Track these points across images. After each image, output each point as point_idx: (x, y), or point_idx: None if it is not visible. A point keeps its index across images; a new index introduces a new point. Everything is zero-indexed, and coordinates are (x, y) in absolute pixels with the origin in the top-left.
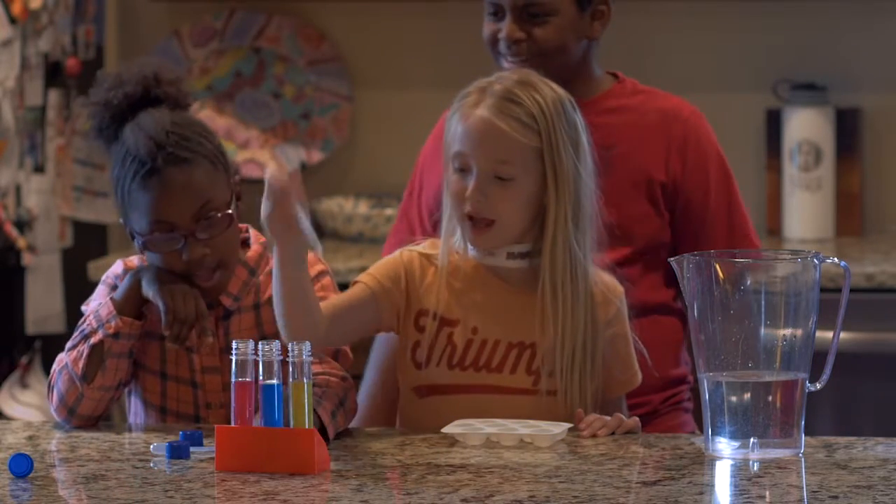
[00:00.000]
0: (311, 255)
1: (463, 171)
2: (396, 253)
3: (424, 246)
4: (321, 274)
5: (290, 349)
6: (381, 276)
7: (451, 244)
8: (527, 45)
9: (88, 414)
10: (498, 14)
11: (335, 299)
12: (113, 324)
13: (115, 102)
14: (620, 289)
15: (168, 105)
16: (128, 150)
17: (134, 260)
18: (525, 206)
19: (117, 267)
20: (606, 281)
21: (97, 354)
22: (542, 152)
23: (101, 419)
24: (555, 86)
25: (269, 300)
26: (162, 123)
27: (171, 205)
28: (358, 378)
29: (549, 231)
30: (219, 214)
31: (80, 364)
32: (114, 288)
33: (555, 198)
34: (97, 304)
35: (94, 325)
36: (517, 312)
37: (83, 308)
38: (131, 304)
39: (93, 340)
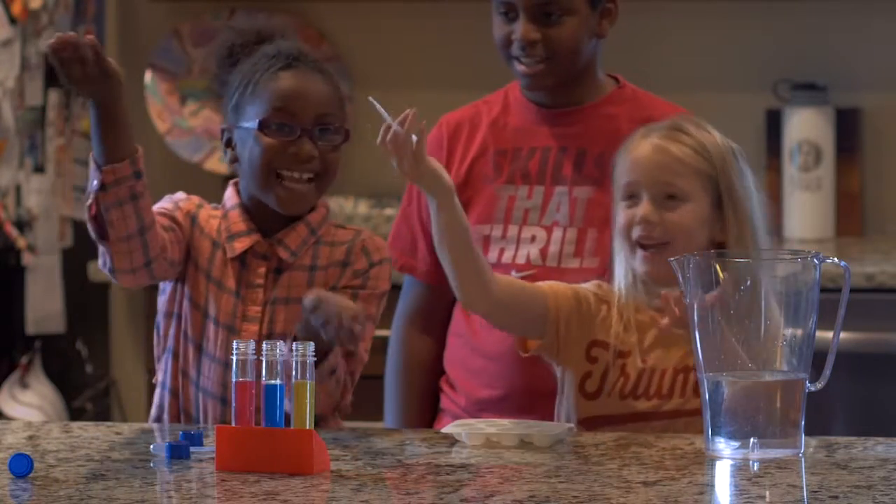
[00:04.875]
0: (380, 271)
1: (632, 198)
2: (573, 286)
3: (591, 286)
4: (384, 294)
5: (293, 348)
6: (559, 296)
7: (619, 287)
8: (542, 47)
9: (127, 267)
10: (510, 14)
11: (514, 279)
12: (95, 182)
13: (256, 30)
14: None
15: None
16: (271, 49)
17: (187, 196)
18: (698, 229)
19: (182, 196)
20: None
21: (98, 216)
22: (714, 179)
23: (149, 269)
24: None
25: (324, 265)
26: (307, 49)
27: (300, 98)
28: (368, 377)
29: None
30: (338, 125)
31: (92, 228)
32: (181, 210)
33: (734, 220)
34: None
35: (89, 191)
36: (684, 339)
37: (162, 204)
38: (114, 147)
39: (91, 212)
